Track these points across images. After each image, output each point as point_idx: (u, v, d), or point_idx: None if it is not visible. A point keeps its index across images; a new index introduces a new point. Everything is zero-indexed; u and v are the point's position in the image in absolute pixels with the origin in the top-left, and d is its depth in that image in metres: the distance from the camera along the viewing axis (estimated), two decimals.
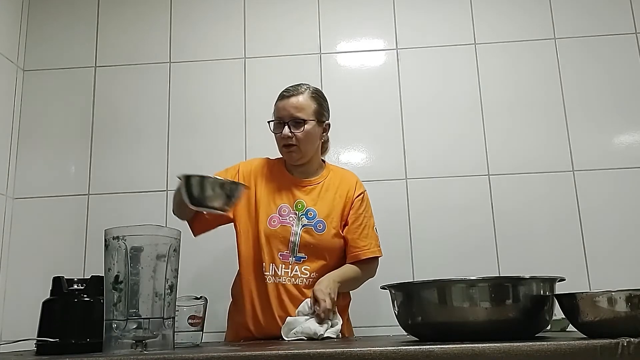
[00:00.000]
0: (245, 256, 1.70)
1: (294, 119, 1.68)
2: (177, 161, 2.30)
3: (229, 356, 0.86)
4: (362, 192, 1.78)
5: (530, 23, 2.35)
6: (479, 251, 2.14)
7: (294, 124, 1.68)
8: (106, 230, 1.03)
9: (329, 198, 1.73)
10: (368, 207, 1.79)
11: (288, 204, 1.71)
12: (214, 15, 2.45)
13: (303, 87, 1.74)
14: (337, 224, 1.71)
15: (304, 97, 1.71)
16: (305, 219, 1.69)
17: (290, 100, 1.70)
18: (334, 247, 1.70)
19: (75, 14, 2.46)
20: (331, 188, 1.75)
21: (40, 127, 2.35)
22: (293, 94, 1.70)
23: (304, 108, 1.70)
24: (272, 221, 1.69)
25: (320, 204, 1.72)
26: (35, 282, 1.85)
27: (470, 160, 2.24)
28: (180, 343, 1.27)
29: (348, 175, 1.82)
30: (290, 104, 1.69)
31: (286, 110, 1.69)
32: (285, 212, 1.70)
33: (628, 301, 0.89)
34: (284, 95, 1.72)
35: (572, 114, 2.25)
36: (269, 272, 1.65)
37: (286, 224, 1.68)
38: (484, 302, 0.98)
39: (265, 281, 1.64)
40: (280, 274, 1.64)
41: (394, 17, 2.40)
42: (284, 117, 1.69)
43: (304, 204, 1.71)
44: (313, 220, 1.68)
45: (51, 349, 1.06)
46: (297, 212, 1.70)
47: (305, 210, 1.70)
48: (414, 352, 0.84)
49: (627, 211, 2.14)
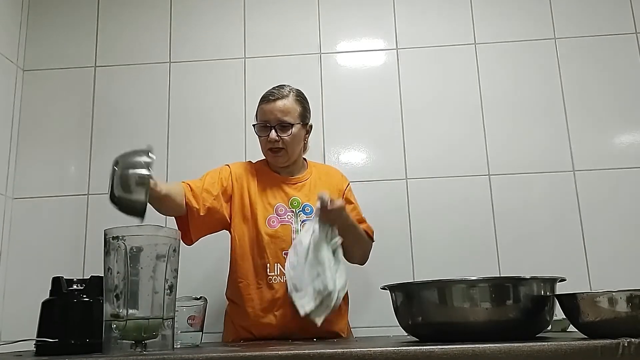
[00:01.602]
0: (243, 260, 1.69)
1: (281, 122, 1.69)
2: (177, 161, 2.29)
3: (229, 356, 0.86)
4: (348, 184, 1.87)
5: (530, 23, 2.35)
6: (480, 251, 2.14)
7: (281, 127, 1.69)
8: (106, 230, 1.03)
9: (320, 191, 1.75)
10: (354, 197, 1.87)
11: (283, 203, 1.72)
12: (213, 15, 2.44)
13: (286, 89, 1.74)
14: None
15: (290, 101, 1.71)
16: (303, 215, 1.71)
17: (277, 104, 1.69)
18: None
19: (75, 14, 2.46)
20: (320, 183, 1.79)
21: (40, 127, 2.35)
22: (278, 97, 1.70)
23: (290, 111, 1.70)
24: (271, 222, 1.69)
25: (314, 198, 1.71)
26: (35, 282, 1.85)
27: (470, 160, 2.24)
28: (179, 343, 1.27)
29: (332, 170, 1.89)
30: (277, 108, 1.69)
31: (273, 114, 1.69)
32: (282, 211, 1.71)
33: (629, 301, 0.89)
34: (269, 99, 1.71)
35: (573, 114, 2.25)
36: (274, 272, 1.65)
37: (285, 222, 1.69)
38: (484, 303, 0.98)
39: (269, 282, 1.64)
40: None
41: (394, 17, 2.40)
42: (271, 121, 1.70)
43: (299, 201, 1.73)
44: (311, 214, 1.70)
45: (51, 349, 1.06)
46: (294, 210, 1.72)
47: (301, 207, 1.72)
48: (414, 353, 0.84)
49: (627, 211, 2.14)
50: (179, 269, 1.06)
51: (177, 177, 2.26)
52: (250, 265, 1.68)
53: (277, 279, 1.64)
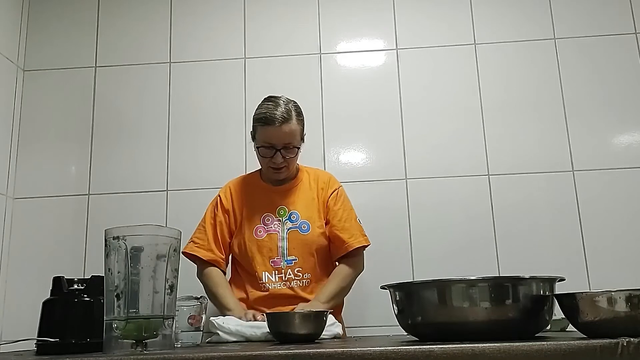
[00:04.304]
0: (238, 269, 1.78)
1: (286, 145, 1.70)
2: (177, 161, 2.30)
3: (229, 356, 0.86)
4: (335, 189, 1.82)
5: (530, 23, 2.35)
6: (479, 251, 2.14)
7: (286, 150, 1.70)
8: (106, 230, 1.03)
9: (307, 198, 1.78)
10: (345, 201, 1.83)
11: (270, 212, 1.76)
12: (214, 15, 2.44)
13: (287, 108, 1.69)
14: (320, 223, 1.76)
15: (294, 123, 1.70)
16: (289, 223, 1.74)
17: (282, 129, 1.67)
18: (321, 245, 1.74)
19: (76, 14, 2.46)
20: (308, 189, 1.80)
21: (40, 127, 2.35)
22: (283, 122, 1.67)
23: (295, 134, 1.71)
24: (258, 232, 1.74)
25: (300, 205, 1.76)
26: (35, 282, 1.85)
27: (470, 160, 2.24)
28: (180, 343, 1.27)
29: (322, 175, 1.86)
30: (283, 132, 1.68)
31: (279, 139, 1.69)
32: (269, 220, 1.75)
33: (628, 301, 0.89)
34: (274, 123, 1.66)
35: (572, 113, 2.25)
36: (263, 280, 1.69)
37: (272, 231, 1.73)
38: (483, 302, 0.98)
39: (263, 289, 1.69)
40: (275, 280, 1.69)
41: (393, 17, 2.40)
42: (276, 145, 1.69)
43: (285, 209, 1.76)
44: (297, 222, 1.73)
45: (51, 349, 1.06)
46: (281, 218, 1.75)
47: (288, 215, 1.75)
48: (414, 352, 0.84)
49: (626, 211, 2.14)
50: (179, 268, 1.07)
51: (176, 176, 2.27)
52: (244, 274, 1.76)
53: (268, 286, 1.69)
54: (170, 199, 2.26)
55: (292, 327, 1.16)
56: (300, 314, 1.20)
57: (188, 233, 1.79)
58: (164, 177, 2.28)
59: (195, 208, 2.04)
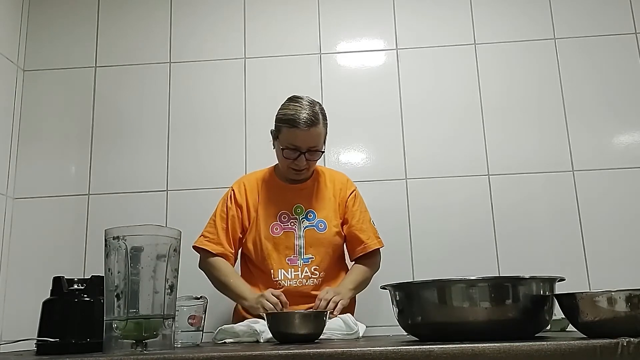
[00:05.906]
0: (250, 267, 1.77)
1: (311, 148, 1.69)
2: (177, 161, 2.30)
3: (229, 356, 0.86)
4: (353, 190, 1.84)
5: (530, 23, 2.35)
6: (479, 251, 2.14)
7: (310, 153, 1.70)
8: (106, 230, 1.03)
9: (324, 198, 1.78)
10: (361, 203, 1.85)
11: (287, 210, 1.75)
12: (214, 16, 2.44)
13: (315, 111, 1.67)
14: (337, 222, 1.76)
15: (320, 127, 1.68)
16: (306, 221, 1.74)
17: (310, 132, 1.66)
18: (336, 244, 1.76)
19: (76, 14, 2.46)
20: (325, 189, 1.80)
21: (40, 127, 2.35)
22: (311, 125, 1.65)
23: (320, 138, 1.71)
24: (275, 229, 1.73)
25: (317, 204, 1.76)
26: (35, 282, 1.85)
27: (470, 160, 2.24)
28: (180, 343, 1.27)
29: (339, 176, 1.87)
30: (310, 136, 1.66)
31: (305, 142, 1.67)
32: (285, 218, 1.74)
33: (628, 301, 0.89)
34: (301, 126, 1.64)
35: (572, 114, 2.25)
36: (278, 278, 1.69)
37: (288, 229, 1.73)
38: (483, 302, 0.98)
39: (275, 287, 1.68)
40: (291, 277, 1.69)
41: (393, 17, 2.40)
42: (301, 148, 1.68)
43: (302, 208, 1.76)
44: (314, 220, 1.74)
45: (51, 349, 1.06)
46: (298, 217, 1.75)
47: (305, 213, 1.75)
48: (414, 352, 0.84)
49: (626, 211, 2.14)
50: (179, 268, 1.07)
51: (176, 176, 2.27)
52: (256, 271, 1.75)
53: (283, 283, 1.68)
54: (170, 199, 2.26)
55: (292, 327, 1.17)
56: (300, 314, 1.20)
57: (188, 233, 1.77)
58: (164, 177, 2.28)
59: (196, 208, 2.05)
